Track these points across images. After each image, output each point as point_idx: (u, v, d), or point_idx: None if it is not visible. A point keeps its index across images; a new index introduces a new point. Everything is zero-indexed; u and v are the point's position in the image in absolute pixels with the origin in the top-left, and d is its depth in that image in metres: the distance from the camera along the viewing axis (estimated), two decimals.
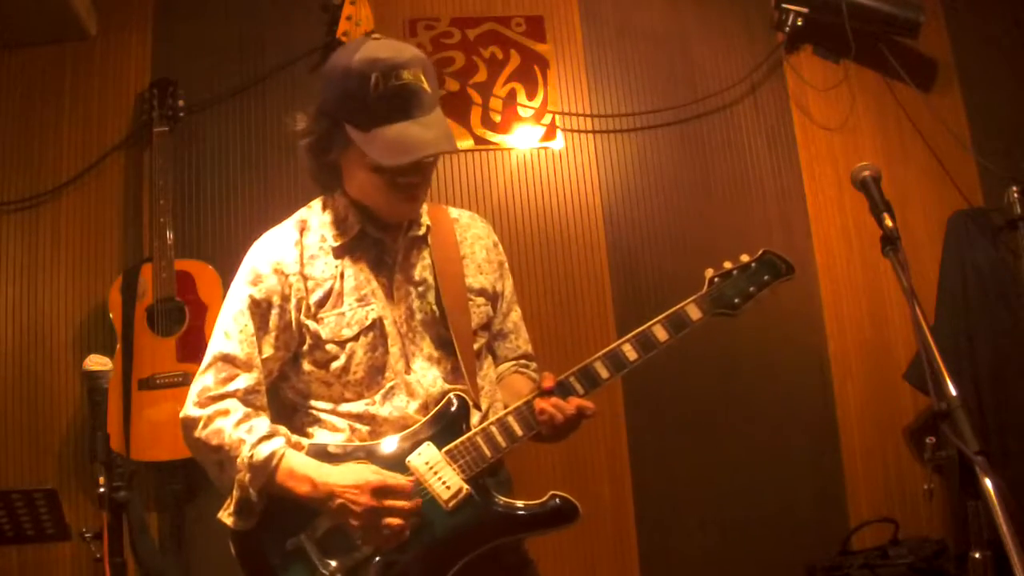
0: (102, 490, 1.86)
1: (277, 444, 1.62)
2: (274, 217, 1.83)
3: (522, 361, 1.92)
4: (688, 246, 3.30)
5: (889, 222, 1.61)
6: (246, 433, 1.62)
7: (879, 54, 3.49)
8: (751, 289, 1.86)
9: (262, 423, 1.65)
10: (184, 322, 2.87)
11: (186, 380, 2.81)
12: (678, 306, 1.80)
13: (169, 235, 2.90)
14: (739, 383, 3.22)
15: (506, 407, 1.72)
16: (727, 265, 1.88)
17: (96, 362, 1.94)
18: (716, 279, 1.86)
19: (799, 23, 3.41)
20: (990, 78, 3.58)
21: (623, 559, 3.09)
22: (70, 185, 3.10)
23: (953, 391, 1.41)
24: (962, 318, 3.12)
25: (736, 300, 1.84)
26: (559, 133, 3.36)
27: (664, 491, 3.14)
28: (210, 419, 1.64)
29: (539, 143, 3.35)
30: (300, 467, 1.61)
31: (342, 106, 1.63)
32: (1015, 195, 3.18)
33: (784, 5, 3.43)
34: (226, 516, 1.64)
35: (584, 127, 3.38)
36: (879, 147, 3.50)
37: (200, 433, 1.65)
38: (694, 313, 1.81)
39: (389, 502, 1.57)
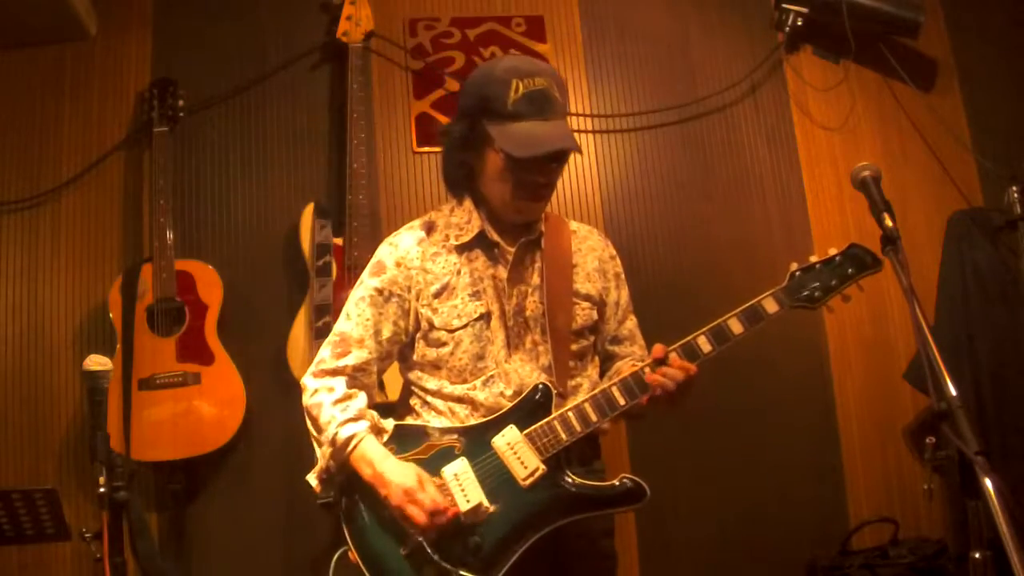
0: (102, 490, 1.87)
1: (359, 428, 1.79)
2: (274, 217, 1.85)
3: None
4: (688, 246, 3.30)
5: (889, 222, 1.61)
6: (340, 412, 1.80)
7: (879, 54, 3.48)
8: (833, 282, 1.85)
9: (356, 404, 1.83)
10: (184, 322, 2.87)
11: (186, 380, 2.81)
12: (756, 299, 1.83)
13: (169, 235, 2.91)
14: (739, 382, 3.21)
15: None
16: (812, 259, 1.88)
17: (96, 362, 1.94)
18: (798, 273, 1.87)
19: (799, 23, 3.41)
20: (990, 78, 3.58)
21: (622, 559, 3.07)
22: (70, 185, 3.10)
23: (953, 391, 1.41)
24: (962, 318, 3.12)
25: (817, 294, 1.85)
26: None
27: (664, 490, 3.13)
28: (316, 391, 1.84)
29: None
30: (369, 453, 1.77)
31: (483, 106, 1.80)
32: (1015, 195, 3.19)
33: (784, 5, 3.43)
34: (313, 479, 1.85)
35: (584, 127, 3.37)
36: (879, 147, 3.49)
37: (307, 401, 1.86)
38: (770, 306, 1.84)
39: (410, 509, 1.69)
